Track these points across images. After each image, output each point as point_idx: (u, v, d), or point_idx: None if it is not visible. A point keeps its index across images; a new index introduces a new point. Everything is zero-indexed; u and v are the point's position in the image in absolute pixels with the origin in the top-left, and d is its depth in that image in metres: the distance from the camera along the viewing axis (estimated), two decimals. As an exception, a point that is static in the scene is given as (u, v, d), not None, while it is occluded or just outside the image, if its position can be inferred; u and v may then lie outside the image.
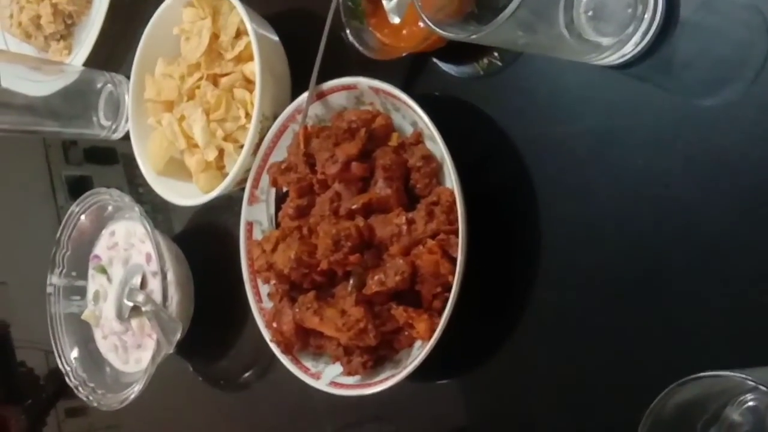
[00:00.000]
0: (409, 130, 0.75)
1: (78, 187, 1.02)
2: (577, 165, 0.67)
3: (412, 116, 0.73)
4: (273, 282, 0.79)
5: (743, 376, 0.43)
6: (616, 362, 0.64)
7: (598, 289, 0.66)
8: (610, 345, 0.64)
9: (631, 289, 0.64)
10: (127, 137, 0.97)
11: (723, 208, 0.60)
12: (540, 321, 0.68)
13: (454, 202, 0.69)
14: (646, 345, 0.62)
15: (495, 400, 0.72)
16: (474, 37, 0.54)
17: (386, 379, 0.72)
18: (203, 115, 0.86)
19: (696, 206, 0.61)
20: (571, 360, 0.67)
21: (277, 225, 0.82)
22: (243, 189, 0.84)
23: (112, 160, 1.10)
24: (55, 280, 1.01)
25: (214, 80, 0.88)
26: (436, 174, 0.73)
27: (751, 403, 0.49)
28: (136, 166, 0.95)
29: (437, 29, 0.59)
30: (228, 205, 0.90)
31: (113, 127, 1.02)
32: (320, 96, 0.79)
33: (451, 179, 0.69)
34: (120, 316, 0.97)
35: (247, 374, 0.91)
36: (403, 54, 0.75)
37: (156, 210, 0.98)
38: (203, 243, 0.95)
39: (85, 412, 1.13)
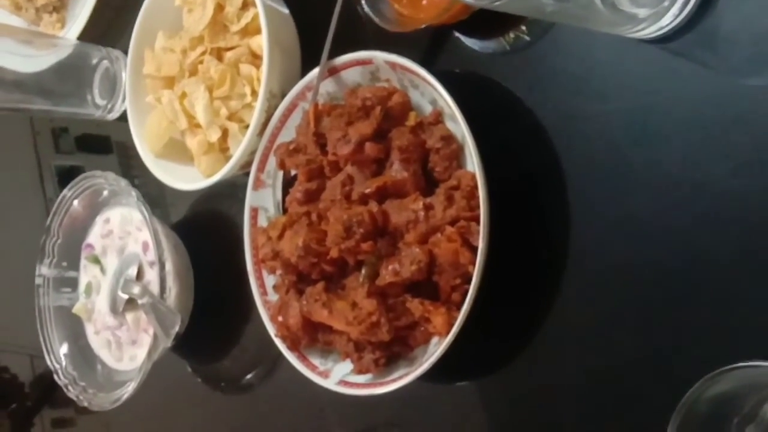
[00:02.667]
0: (428, 109, 0.76)
1: (69, 178, 1.02)
2: (610, 148, 0.68)
3: (432, 94, 0.74)
4: (279, 272, 0.80)
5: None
6: (648, 359, 0.64)
7: (631, 281, 0.66)
8: (642, 341, 0.65)
9: (666, 282, 0.64)
10: (123, 118, 0.98)
11: (760, 195, 0.60)
12: (567, 316, 0.69)
13: (475, 187, 0.69)
14: (680, 340, 0.63)
15: (518, 401, 0.73)
16: (498, 3, 0.55)
17: (400, 378, 0.72)
18: (206, 92, 0.87)
19: (738, 195, 0.61)
20: (599, 357, 0.67)
21: (284, 211, 0.83)
22: (248, 173, 0.84)
23: (105, 149, 1.11)
24: (44, 270, 1.02)
25: (219, 55, 0.88)
26: (456, 156, 0.73)
27: None
28: (132, 155, 0.96)
29: (459, -4, 0.60)
30: (231, 190, 0.91)
31: (109, 106, 1.03)
32: (332, 72, 0.79)
33: (472, 162, 0.70)
34: (114, 309, 0.98)
35: (250, 374, 0.92)
36: (423, 26, 0.75)
37: (154, 196, 0.98)
38: (204, 231, 0.96)
39: (73, 422, 1.15)
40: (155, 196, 0.99)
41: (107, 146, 1.11)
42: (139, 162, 0.95)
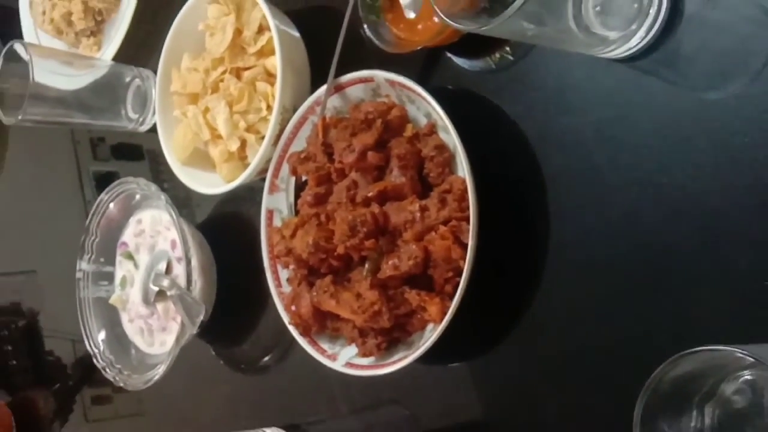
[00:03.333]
0: (423, 121, 0.76)
1: (105, 183, 1.02)
2: (585, 155, 0.67)
3: (426, 108, 0.74)
4: (292, 267, 0.80)
5: (741, 351, 0.43)
6: (619, 343, 0.64)
7: (605, 273, 0.66)
8: (614, 327, 0.65)
9: (636, 272, 0.64)
10: (153, 130, 0.98)
11: (725, 197, 0.60)
12: (547, 305, 0.69)
13: (465, 191, 0.69)
14: (648, 326, 0.63)
15: (506, 381, 0.73)
16: (485, 28, 0.55)
17: (399, 360, 0.72)
18: (226, 107, 0.87)
19: (699, 195, 0.61)
20: (576, 341, 0.67)
21: (296, 212, 0.83)
22: (264, 178, 0.85)
23: (138, 156, 1.11)
24: (84, 265, 1.02)
25: (237, 74, 0.88)
26: (448, 163, 0.73)
27: (748, 378, 0.49)
28: (162, 162, 0.96)
29: (451, 22, 0.60)
30: (249, 194, 0.91)
31: (140, 119, 1.03)
32: (338, 89, 0.79)
33: (463, 168, 0.70)
34: (146, 300, 0.98)
35: (266, 357, 0.92)
36: (418, 48, 0.75)
37: (180, 199, 0.99)
38: (226, 230, 0.96)
39: (110, 400, 1.14)
40: (182, 199, 0.99)
41: (139, 154, 1.10)
42: (168, 169, 0.95)
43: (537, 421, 0.70)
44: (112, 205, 1.00)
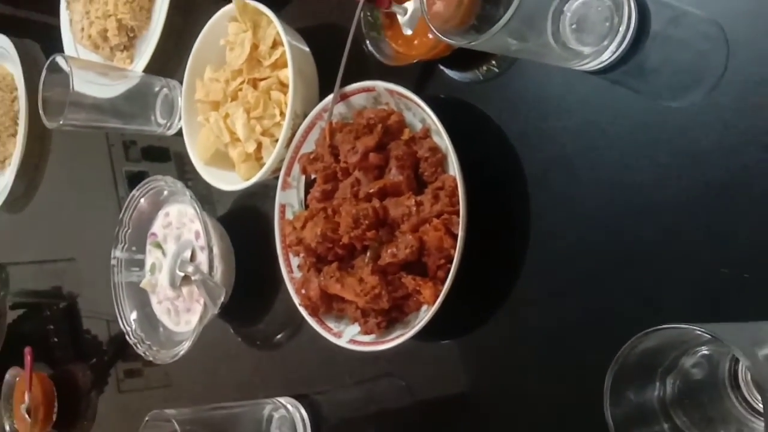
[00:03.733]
0: (418, 126, 0.76)
1: (136, 181, 1.02)
2: (562, 156, 0.68)
3: (422, 114, 0.74)
4: (302, 255, 0.80)
5: (700, 329, 0.43)
6: (592, 320, 0.64)
7: (580, 260, 0.66)
8: (588, 306, 0.65)
9: (607, 259, 0.64)
10: (179, 134, 0.98)
11: (685, 193, 0.60)
12: (529, 287, 0.69)
13: (456, 188, 0.70)
14: (618, 306, 0.63)
15: (491, 356, 0.73)
16: (474, 43, 0.55)
17: (397, 337, 0.72)
18: (244, 113, 0.87)
19: (662, 191, 0.61)
20: (554, 319, 0.67)
21: (306, 207, 0.83)
22: (277, 177, 0.84)
23: (165, 158, 1.10)
24: (118, 254, 1.02)
25: (254, 84, 0.88)
26: (441, 163, 0.73)
27: (705, 353, 0.49)
28: (186, 162, 0.96)
29: (443, 38, 0.60)
30: (264, 190, 0.91)
31: (168, 124, 1.03)
32: (344, 97, 0.79)
33: (453, 168, 0.70)
34: (173, 284, 0.98)
35: (279, 335, 0.92)
36: (415, 61, 0.76)
37: (203, 195, 0.98)
38: (243, 223, 0.96)
39: (141, 373, 1.14)
40: (204, 195, 0.99)
41: (167, 156, 1.10)
42: (192, 168, 0.95)
43: (519, 391, 0.70)
44: (142, 200, 1.00)
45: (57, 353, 1.29)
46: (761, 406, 0.48)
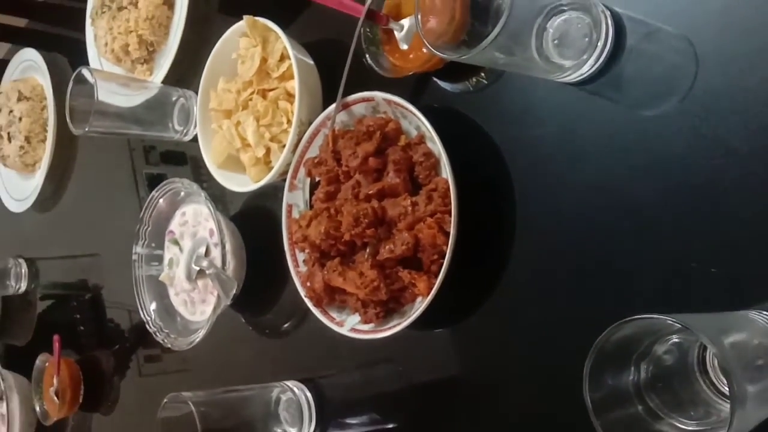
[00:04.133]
0: (413, 133, 0.75)
1: (155, 183, 1.02)
2: (544, 159, 0.68)
3: (416, 122, 0.74)
4: (307, 250, 0.80)
5: (671, 319, 0.43)
6: (572, 311, 0.64)
7: (562, 256, 0.66)
8: (570, 298, 0.65)
9: (586, 253, 0.64)
10: (194, 140, 0.98)
11: (657, 194, 0.60)
12: (515, 281, 0.69)
13: (448, 189, 0.69)
14: (596, 299, 0.63)
15: (480, 344, 0.73)
16: (464, 57, 0.55)
17: (394, 326, 0.72)
18: (254, 121, 0.87)
19: (636, 191, 0.61)
20: (538, 310, 0.67)
21: (311, 206, 0.82)
22: (284, 179, 0.84)
23: (182, 162, 1.10)
24: (138, 249, 1.02)
25: (263, 94, 0.88)
26: (434, 167, 0.73)
27: (676, 341, 0.49)
28: (201, 166, 0.96)
29: (437, 52, 0.60)
30: (273, 192, 0.90)
31: (184, 131, 1.03)
32: (345, 106, 0.79)
33: (446, 171, 0.70)
34: (189, 277, 0.98)
35: (286, 324, 0.92)
36: (410, 73, 0.76)
37: (217, 196, 0.98)
38: (253, 221, 0.96)
39: (160, 358, 1.14)
40: (218, 196, 0.99)
41: (183, 160, 1.10)
42: (206, 171, 0.94)
43: (505, 375, 0.70)
44: (161, 200, 1.00)
45: (83, 340, 1.29)
46: (727, 389, 0.48)
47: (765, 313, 0.52)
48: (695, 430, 0.47)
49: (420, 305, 0.70)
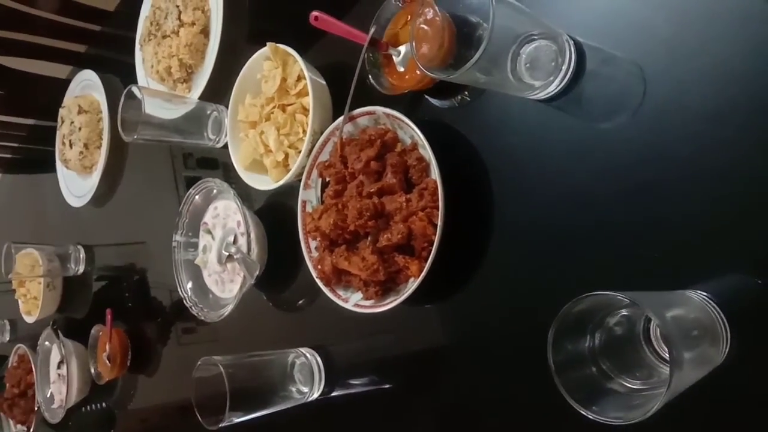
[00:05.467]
0: (408, 141, 0.75)
1: (192, 183, 1.02)
2: (518, 163, 0.67)
3: (411, 132, 0.73)
4: (318, 239, 0.80)
5: (621, 295, 0.44)
6: (542, 288, 0.64)
7: (532, 243, 0.66)
8: (539, 278, 0.65)
9: (553, 242, 0.64)
10: (225, 147, 0.98)
11: (612, 193, 0.60)
12: (495, 267, 0.69)
13: (436, 188, 0.69)
14: (560, 277, 0.63)
15: (465, 317, 0.73)
16: (451, 77, 0.55)
17: (390, 302, 0.72)
18: (275, 130, 0.87)
19: (595, 191, 0.61)
20: (514, 290, 0.67)
21: (322, 202, 0.82)
22: (300, 180, 0.84)
23: (214, 166, 1.10)
24: (178, 238, 1.02)
25: (283, 108, 0.88)
26: (425, 170, 0.73)
27: (625, 314, 0.49)
28: (231, 169, 0.95)
29: (428, 73, 0.60)
30: (290, 191, 0.90)
31: (217, 139, 1.03)
32: (351, 119, 0.79)
33: (435, 173, 0.70)
34: (219, 261, 0.97)
35: (301, 301, 0.92)
36: (406, 91, 0.75)
37: (243, 193, 0.98)
38: (274, 214, 0.96)
39: (195, 330, 1.14)
40: (245, 194, 0.98)
41: (215, 165, 1.10)
42: (235, 173, 0.94)
43: (485, 342, 0.70)
44: (197, 196, 1.00)
45: (131, 315, 1.29)
46: (668, 355, 0.48)
47: (700, 292, 0.52)
48: (640, 388, 0.47)
49: (413, 285, 0.70)
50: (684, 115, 0.56)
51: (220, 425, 0.73)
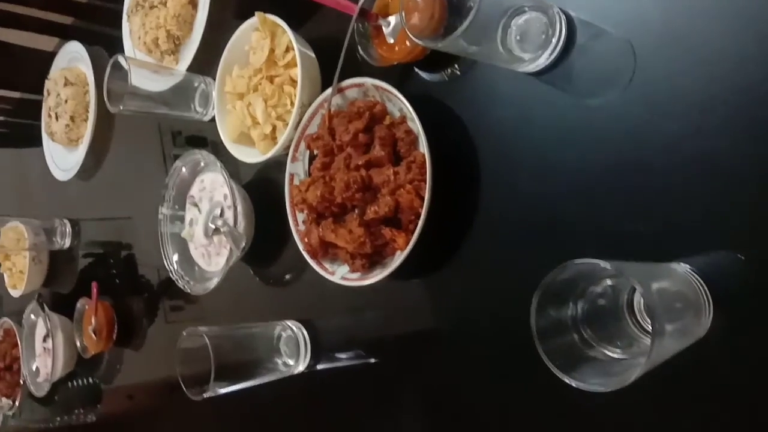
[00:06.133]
0: (397, 114, 0.75)
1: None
2: (506, 136, 0.67)
3: (400, 104, 0.73)
4: (306, 212, 0.79)
5: (605, 264, 0.43)
6: (527, 258, 0.64)
7: (517, 214, 0.66)
8: (523, 248, 0.65)
9: (538, 214, 0.64)
10: (213, 120, 0.96)
11: (598, 168, 0.60)
12: (480, 239, 0.69)
13: (424, 161, 0.69)
14: (545, 247, 0.63)
15: (448, 291, 0.73)
16: (440, 45, 0.55)
17: (377, 275, 0.72)
18: (263, 102, 0.86)
19: (581, 166, 0.61)
20: (500, 261, 0.67)
21: (310, 175, 0.81)
22: (288, 153, 0.83)
23: (203, 144, 1.08)
24: (164, 210, 1.01)
25: (271, 80, 0.87)
26: (414, 143, 0.72)
27: (609, 283, 0.49)
28: (219, 147, 0.94)
29: (418, 41, 0.59)
30: (277, 164, 0.89)
31: (204, 111, 1.01)
32: (340, 90, 0.78)
33: (423, 146, 0.69)
34: (206, 234, 0.96)
35: (288, 275, 0.91)
36: (395, 63, 0.75)
37: (231, 167, 0.96)
38: (262, 189, 0.95)
39: (182, 308, 1.13)
40: (232, 167, 0.97)
41: (204, 142, 1.08)
42: (223, 148, 0.93)
43: (469, 314, 0.70)
44: (184, 169, 0.99)
45: (118, 290, 1.28)
46: (650, 326, 0.48)
47: (684, 265, 0.52)
48: (621, 358, 0.47)
49: (399, 257, 0.70)
50: (674, 93, 0.56)
51: (204, 396, 0.73)
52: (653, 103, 0.57)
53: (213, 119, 0.96)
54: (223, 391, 0.77)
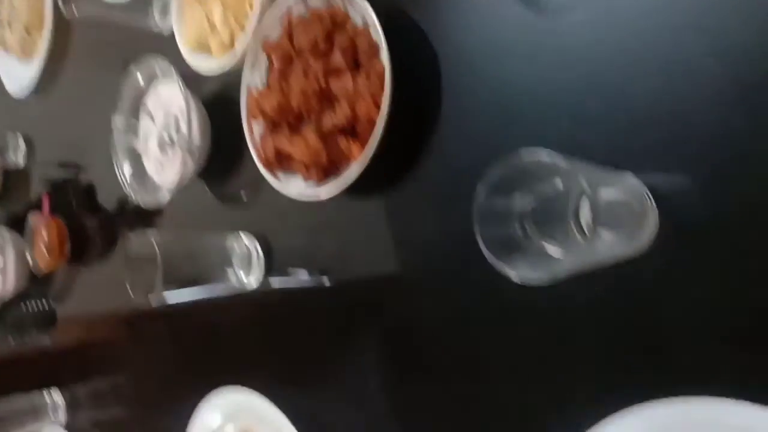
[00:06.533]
0: (360, 22, 0.72)
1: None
2: (465, 52, 0.66)
3: (362, 12, 0.70)
4: (263, 123, 0.77)
5: (556, 158, 0.43)
6: (480, 166, 0.62)
7: (476, 129, 0.65)
8: (477, 160, 0.61)
9: (495, 127, 0.63)
10: (172, 36, 0.92)
11: (563, 79, 0.59)
12: (439, 153, 0.67)
13: (383, 72, 0.67)
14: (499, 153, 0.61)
15: (405, 207, 0.72)
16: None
17: (332, 186, 0.70)
18: (221, 6, 0.83)
19: (545, 74, 0.60)
20: (454, 171, 0.66)
21: (268, 86, 0.78)
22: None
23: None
24: (118, 120, 0.97)
25: (232, -15, 0.83)
26: (376, 53, 0.70)
27: (559, 181, 0.47)
28: (178, 56, 0.90)
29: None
30: (235, 80, 0.85)
31: (163, 20, 0.97)
32: (302, -3, 0.75)
33: (384, 55, 0.67)
34: (161, 147, 0.94)
35: (243, 190, 0.89)
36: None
37: (189, 79, 0.92)
38: (219, 103, 0.91)
39: (137, 226, 1.09)
40: (190, 80, 0.93)
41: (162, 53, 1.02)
42: (182, 60, 0.89)
43: (422, 227, 0.70)
44: (140, 76, 0.95)
45: (73, 209, 1.24)
46: (591, 227, 0.47)
47: (636, 177, 0.52)
48: (560, 258, 0.46)
49: (355, 168, 0.68)
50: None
51: (150, 298, 0.71)
52: (613, 13, 0.56)
53: (173, 35, 0.92)
54: (174, 300, 0.75)
